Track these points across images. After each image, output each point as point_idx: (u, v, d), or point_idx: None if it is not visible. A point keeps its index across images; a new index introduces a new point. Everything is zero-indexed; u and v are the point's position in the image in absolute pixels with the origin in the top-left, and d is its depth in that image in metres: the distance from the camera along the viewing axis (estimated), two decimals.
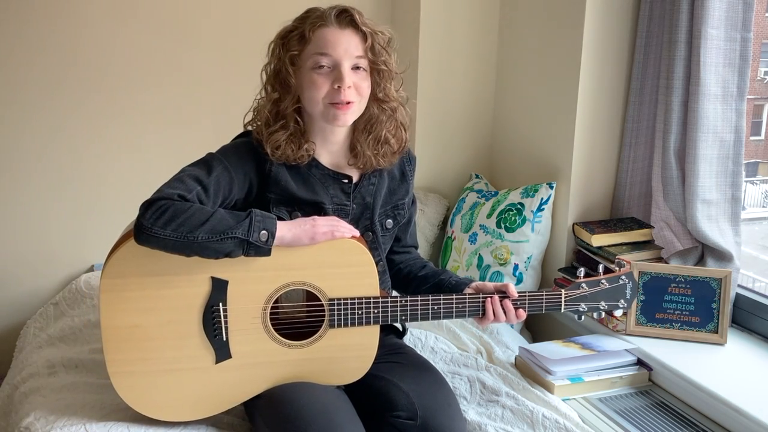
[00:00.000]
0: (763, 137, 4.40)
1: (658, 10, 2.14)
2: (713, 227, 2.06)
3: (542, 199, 2.36)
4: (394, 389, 1.58)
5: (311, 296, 1.56)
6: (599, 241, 2.20)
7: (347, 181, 1.65)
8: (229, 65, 2.65)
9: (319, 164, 1.63)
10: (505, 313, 1.61)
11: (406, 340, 1.84)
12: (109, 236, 1.66)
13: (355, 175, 1.67)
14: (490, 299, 1.60)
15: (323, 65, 1.53)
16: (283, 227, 1.48)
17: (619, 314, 1.98)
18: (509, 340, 2.15)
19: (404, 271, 1.81)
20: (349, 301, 1.55)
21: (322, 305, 1.55)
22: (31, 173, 2.53)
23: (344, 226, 1.55)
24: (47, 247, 2.60)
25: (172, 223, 1.39)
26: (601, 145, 2.33)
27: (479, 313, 1.61)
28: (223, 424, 1.63)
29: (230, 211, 1.48)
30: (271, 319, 1.54)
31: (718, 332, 2.01)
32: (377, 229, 1.70)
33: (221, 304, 1.51)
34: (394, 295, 1.74)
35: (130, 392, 1.52)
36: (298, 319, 1.60)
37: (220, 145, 1.62)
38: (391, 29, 1.61)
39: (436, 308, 1.59)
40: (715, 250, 2.06)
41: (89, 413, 1.59)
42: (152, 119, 2.63)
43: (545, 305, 1.65)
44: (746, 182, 2.57)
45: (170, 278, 1.48)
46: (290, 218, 1.58)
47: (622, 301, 1.70)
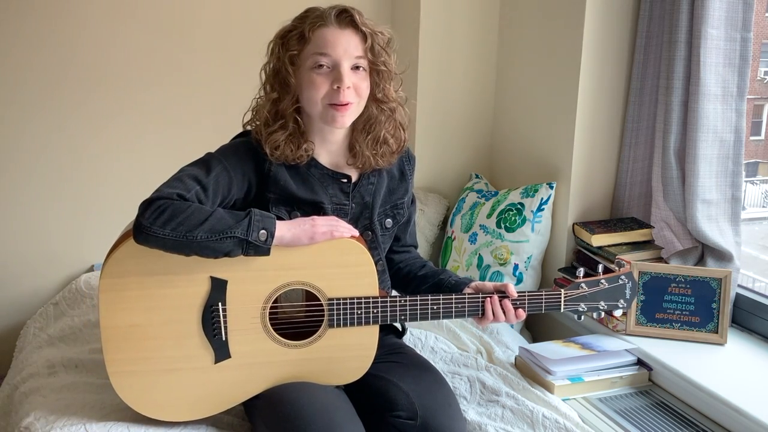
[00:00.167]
0: (763, 137, 4.40)
1: (658, 10, 2.14)
2: (713, 227, 2.06)
3: (542, 199, 2.36)
4: (394, 389, 1.57)
5: (310, 296, 1.56)
6: (599, 241, 2.20)
7: (346, 180, 1.65)
8: (228, 65, 2.65)
9: (318, 164, 1.63)
10: (504, 313, 1.60)
11: (405, 339, 1.84)
12: (108, 236, 1.66)
13: (354, 174, 1.66)
14: (489, 299, 1.60)
15: (322, 65, 1.53)
16: (282, 227, 1.48)
17: (618, 314, 1.98)
18: (509, 340, 2.15)
19: (404, 270, 1.80)
20: (348, 300, 1.54)
21: (321, 305, 1.55)
22: (30, 173, 2.53)
23: (343, 225, 1.55)
24: (47, 247, 2.60)
25: (171, 222, 1.39)
26: (601, 145, 2.33)
27: (479, 312, 1.61)
28: (222, 424, 1.63)
29: (229, 210, 1.48)
30: (270, 318, 1.54)
31: (718, 332, 2.01)
32: (376, 228, 1.70)
33: (220, 303, 1.50)
34: (393, 294, 1.74)
35: (129, 392, 1.52)
36: (297, 318, 1.60)
37: (219, 144, 1.62)
38: (390, 29, 1.61)
39: (435, 308, 1.59)
40: (715, 250, 2.06)
41: (89, 413, 1.59)
42: (152, 119, 2.63)
43: (545, 305, 1.65)
44: (746, 182, 2.57)
45: (169, 278, 1.48)
46: (289, 218, 1.57)
47: (621, 301, 1.70)
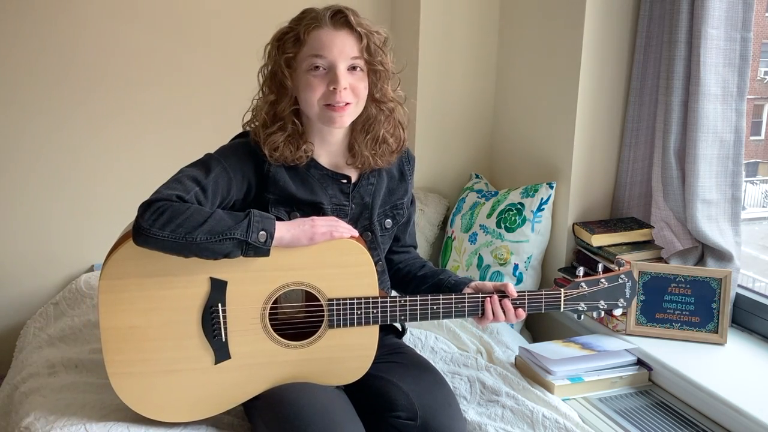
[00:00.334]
0: (763, 137, 4.39)
1: (658, 10, 2.14)
2: (713, 227, 2.06)
3: (542, 199, 2.36)
4: (394, 389, 1.57)
5: (310, 296, 1.56)
6: (599, 241, 2.20)
7: (346, 181, 1.65)
8: (228, 65, 2.65)
9: (317, 164, 1.62)
10: (504, 312, 1.60)
11: (405, 339, 1.84)
12: (108, 236, 1.66)
13: (353, 175, 1.66)
14: (489, 299, 1.60)
15: (319, 66, 1.53)
16: (281, 228, 1.47)
17: (618, 314, 1.98)
18: (509, 340, 2.15)
19: (403, 270, 1.80)
20: (348, 301, 1.54)
21: (321, 305, 1.55)
22: (30, 173, 2.53)
23: (343, 226, 1.55)
24: (47, 247, 2.60)
25: (170, 224, 1.39)
26: (601, 145, 2.33)
27: (478, 312, 1.61)
28: (222, 424, 1.63)
29: (229, 211, 1.48)
30: (270, 319, 1.54)
31: (718, 332, 2.01)
32: (376, 229, 1.70)
33: (220, 304, 1.50)
34: (393, 295, 1.74)
35: (129, 393, 1.52)
36: (297, 319, 1.60)
37: (219, 144, 1.62)
38: (387, 29, 1.61)
39: (435, 308, 1.59)
40: (715, 250, 2.06)
41: (89, 413, 1.59)
42: (151, 119, 2.63)
43: (544, 305, 1.65)
44: (746, 182, 2.56)
45: (169, 279, 1.48)
46: (289, 218, 1.57)
47: (621, 300, 1.70)
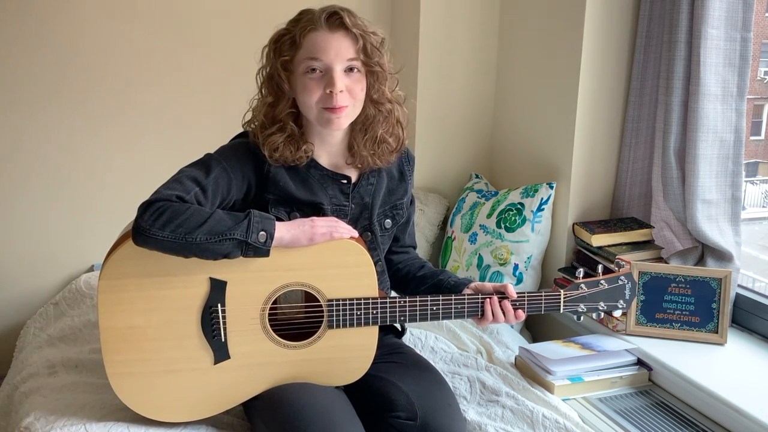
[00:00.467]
0: (763, 137, 4.39)
1: (658, 10, 2.14)
2: (713, 227, 2.06)
3: (542, 199, 2.36)
4: (393, 389, 1.57)
5: (310, 297, 1.56)
6: (599, 241, 2.20)
7: (346, 181, 1.64)
8: (227, 65, 2.64)
9: (317, 165, 1.62)
10: (504, 313, 1.60)
11: (405, 339, 1.84)
12: (108, 236, 1.66)
13: (353, 175, 1.66)
14: (489, 300, 1.59)
15: (315, 69, 1.52)
16: (281, 228, 1.47)
17: (618, 314, 1.98)
18: (509, 340, 2.15)
19: (403, 271, 1.80)
20: (347, 301, 1.54)
21: (320, 306, 1.55)
22: (30, 173, 2.53)
23: (343, 226, 1.55)
24: (47, 247, 2.60)
25: (170, 224, 1.39)
26: (601, 145, 2.33)
27: (478, 313, 1.61)
28: (222, 424, 1.63)
29: (228, 212, 1.47)
30: (269, 319, 1.54)
31: (718, 332, 2.01)
32: (376, 229, 1.69)
33: (220, 304, 1.50)
34: (392, 295, 1.74)
35: (128, 393, 1.52)
36: (296, 319, 1.60)
37: (218, 144, 1.61)
38: (386, 30, 1.61)
39: (434, 309, 1.59)
40: (715, 250, 2.06)
41: (89, 413, 1.59)
42: (151, 119, 2.63)
43: (544, 306, 1.64)
44: (746, 182, 2.56)
45: (168, 279, 1.48)
46: (289, 219, 1.57)
47: (621, 301, 1.70)
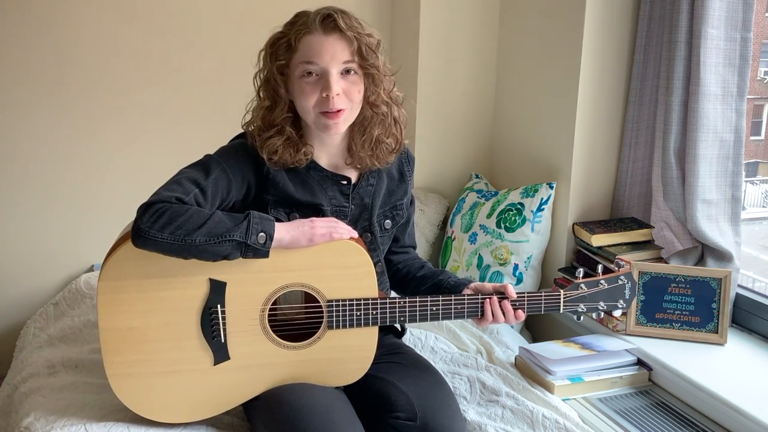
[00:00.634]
0: (763, 137, 4.39)
1: (658, 10, 2.14)
2: (713, 227, 2.06)
3: (542, 199, 2.36)
4: (393, 390, 1.57)
5: (310, 298, 1.56)
6: (599, 241, 2.20)
7: (346, 182, 1.64)
8: (227, 65, 2.64)
9: (317, 166, 1.62)
10: (503, 314, 1.60)
11: (405, 339, 1.84)
12: (108, 235, 1.66)
13: (353, 175, 1.66)
14: (488, 300, 1.59)
15: (311, 73, 1.51)
16: (281, 229, 1.47)
17: (618, 314, 1.98)
18: (509, 340, 2.15)
19: (402, 271, 1.80)
20: (347, 302, 1.54)
21: (320, 307, 1.55)
22: (28, 173, 2.53)
23: (342, 227, 1.55)
24: (47, 247, 2.60)
25: (169, 226, 1.39)
26: (601, 145, 2.33)
27: (478, 314, 1.61)
28: (222, 424, 1.63)
29: (228, 213, 1.47)
30: (269, 320, 1.54)
31: (718, 332, 2.01)
32: (376, 230, 1.69)
33: (219, 305, 1.50)
34: (392, 296, 1.74)
35: (128, 394, 1.52)
36: (296, 320, 1.60)
37: (217, 144, 1.61)
38: (385, 30, 1.60)
39: (434, 309, 1.59)
40: (715, 250, 2.06)
41: (89, 413, 1.59)
42: (150, 119, 2.62)
43: (544, 306, 1.64)
44: (746, 182, 2.57)
45: (168, 280, 1.47)
46: (288, 220, 1.57)
47: (621, 301, 1.70)
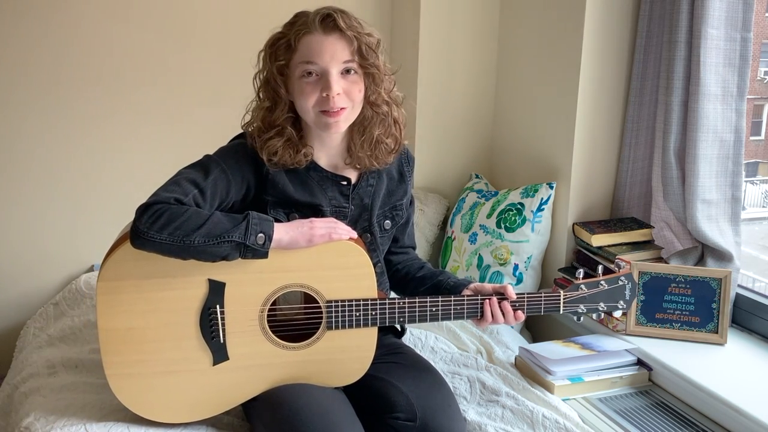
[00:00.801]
0: (763, 137, 4.39)
1: (658, 10, 2.14)
2: (713, 227, 2.06)
3: (542, 199, 2.36)
4: (393, 390, 1.57)
5: (309, 298, 1.56)
6: (599, 241, 2.19)
7: (346, 183, 1.64)
8: (226, 64, 2.64)
9: (317, 167, 1.62)
10: (503, 314, 1.60)
11: (405, 339, 1.84)
12: (107, 235, 1.66)
13: (353, 176, 1.66)
14: (488, 301, 1.59)
15: (311, 73, 1.51)
16: (280, 230, 1.47)
17: (618, 314, 1.98)
18: (509, 340, 2.15)
19: (402, 271, 1.80)
20: (346, 302, 1.54)
21: (319, 307, 1.55)
22: (27, 174, 2.53)
23: (342, 227, 1.55)
24: (47, 247, 2.60)
25: (168, 227, 1.39)
26: (601, 145, 2.33)
27: (477, 314, 1.61)
28: (222, 424, 1.63)
29: (227, 213, 1.47)
30: (268, 321, 1.54)
31: (718, 332, 2.01)
32: (375, 230, 1.69)
33: (218, 306, 1.50)
34: (392, 296, 1.74)
35: (127, 394, 1.52)
36: (295, 321, 1.60)
37: (215, 144, 1.61)
38: (385, 30, 1.60)
39: (434, 310, 1.59)
40: (715, 250, 2.06)
41: (89, 413, 1.59)
42: (149, 118, 2.62)
43: (544, 307, 1.64)
44: (746, 182, 2.57)
45: (167, 280, 1.47)
46: (288, 220, 1.57)
47: (621, 302, 1.69)
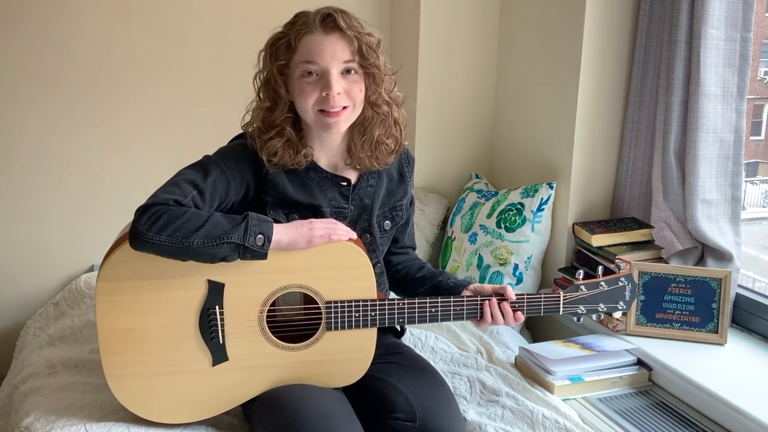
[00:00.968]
0: (763, 137, 4.39)
1: (658, 10, 2.14)
2: (713, 227, 2.06)
3: (542, 199, 2.36)
4: (392, 390, 1.57)
5: (308, 299, 1.56)
6: (599, 241, 2.19)
7: (345, 183, 1.63)
8: (225, 64, 2.64)
9: (317, 167, 1.61)
10: (503, 315, 1.60)
11: (405, 339, 1.84)
12: (107, 235, 1.66)
13: (353, 176, 1.65)
14: (488, 302, 1.59)
15: (312, 72, 1.51)
16: (279, 230, 1.47)
17: (618, 315, 1.98)
18: (509, 340, 2.15)
19: (402, 272, 1.80)
20: (346, 303, 1.54)
21: (319, 308, 1.55)
22: (27, 173, 2.53)
23: (341, 228, 1.54)
24: (47, 247, 2.60)
25: (167, 228, 1.38)
26: (601, 145, 2.33)
27: (477, 315, 1.60)
28: (222, 424, 1.63)
29: (226, 214, 1.47)
30: (268, 321, 1.54)
31: (718, 332, 2.01)
32: (375, 231, 1.69)
33: (218, 307, 1.50)
34: (391, 297, 1.74)
35: (127, 395, 1.52)
36: (295, 321, 1.60)
37: (215, 144, 1.61)
38: (385, 30, 1.60)
39: (433, 311, 1.58)
40: (715, 250, 2.06)
41: (89, 413, 1.59)
42: (149, 118, 2.62)
43: (543, 308, 1.64)
44: (746, 182, 2.56)
45: (166, 281, 1.48)
46: (287, 221, 1.56)
47: (621, 303, 1.69)
